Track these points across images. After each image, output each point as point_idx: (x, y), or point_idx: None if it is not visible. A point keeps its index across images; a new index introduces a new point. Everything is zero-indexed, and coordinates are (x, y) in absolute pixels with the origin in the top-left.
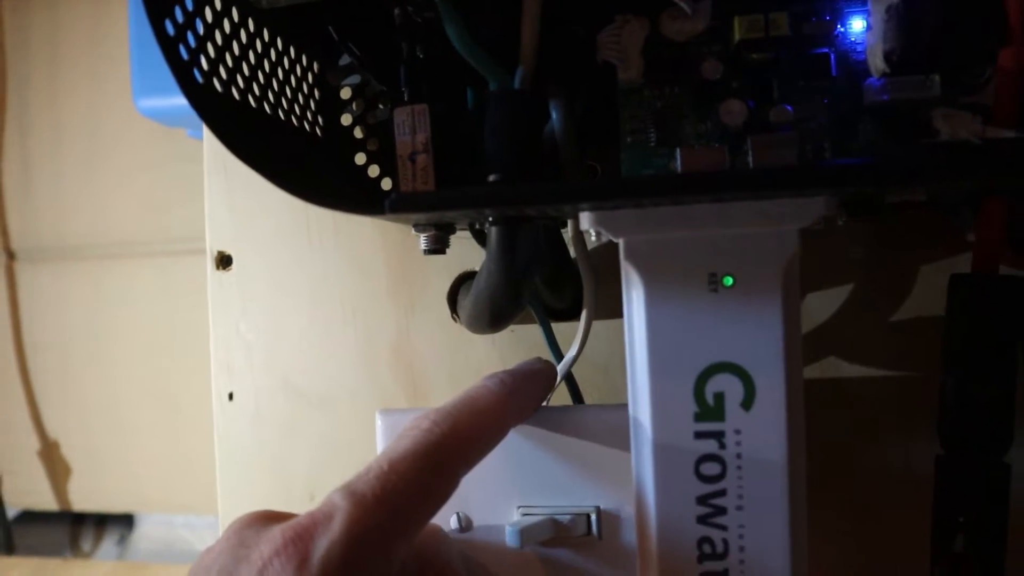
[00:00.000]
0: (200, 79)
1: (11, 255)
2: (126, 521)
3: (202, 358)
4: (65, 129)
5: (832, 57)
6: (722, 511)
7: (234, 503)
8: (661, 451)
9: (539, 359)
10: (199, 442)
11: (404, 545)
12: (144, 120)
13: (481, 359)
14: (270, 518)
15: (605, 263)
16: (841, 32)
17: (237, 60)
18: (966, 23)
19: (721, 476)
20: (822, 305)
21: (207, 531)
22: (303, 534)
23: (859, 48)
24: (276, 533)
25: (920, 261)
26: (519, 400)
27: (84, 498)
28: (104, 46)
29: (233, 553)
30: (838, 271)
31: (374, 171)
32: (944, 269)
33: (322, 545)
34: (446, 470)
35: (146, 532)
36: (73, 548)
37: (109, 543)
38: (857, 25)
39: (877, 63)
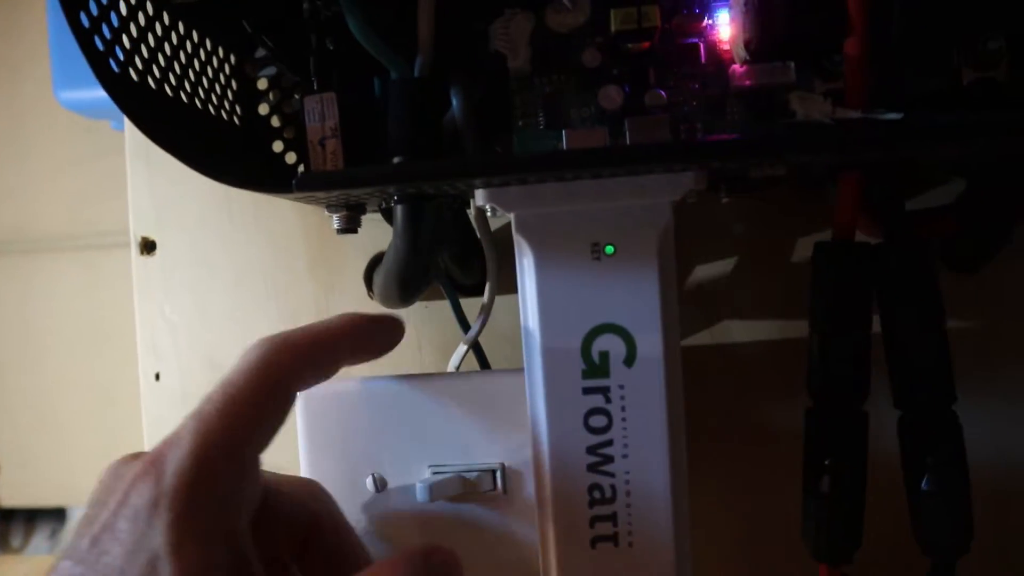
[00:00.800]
0: (116, 69)
1: None
2: (58, 515)
3: (131, 350)
4: None
5: (701, 46)
6: (609, 459)
7: None
8: (553, 406)
9: (393, 315)
10: (130, 434)
11: (253, 451)
12: (67, 114)
13: None
14: (139, 455)
15: (508, 241)
16: (709, 24)
17: (152, 51)
18: (812, 15)
19: (608, 427)
20: (711, 276)
21: None
22: (158, 457)
23: (725, 38)
24: (138, 462)
25: (797, 234)
26: (361, 336)
27: (14, 493)
28: (24, 39)
29: (107, 485)
30: (724, 245)
31: (291, 158)
32: (816, 239)
33: (174, 459)
34: (278, 384)
35: None
36: (2, 544)
37: (40, 538)
38: (723, 17)
39: (739, 51)
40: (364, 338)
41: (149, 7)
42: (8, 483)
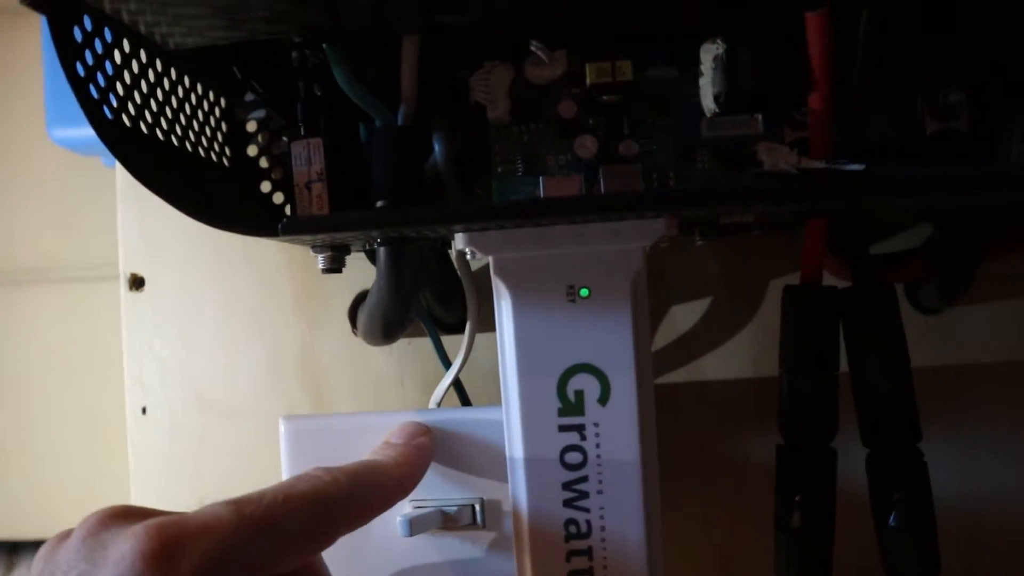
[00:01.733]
0: (110, 115)
1: None
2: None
3: (116, 382)
4: None
5: (672, 99)
6: (584, 495)
7: None
8: (530, 443)
9: (420, 428)
10: (115, 467)
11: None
12: (57, 147)
13: (381, 370)
14: (129, 514)
15: (488, 280)
16: (680, 77)
17: (145, 97)
18: (777, 70)
19: (583, 464)
20: (686, 316)
21: None
22: (176, 538)
23: (695, 91)
24: (139, 531)
25: (770, 275)
26: (410, 478)
27: None
28: (14, 69)
29: (91, 554)
30: (699, 285)
31: (279, 198)
32: (789, 281)
33: (197, 552)
34: (331, 524)
35: None
36: None
37: (22, 570)
38: (694, 71)
39: (708, 104)
40: (416, 484)
41: (143, 55)
42: None
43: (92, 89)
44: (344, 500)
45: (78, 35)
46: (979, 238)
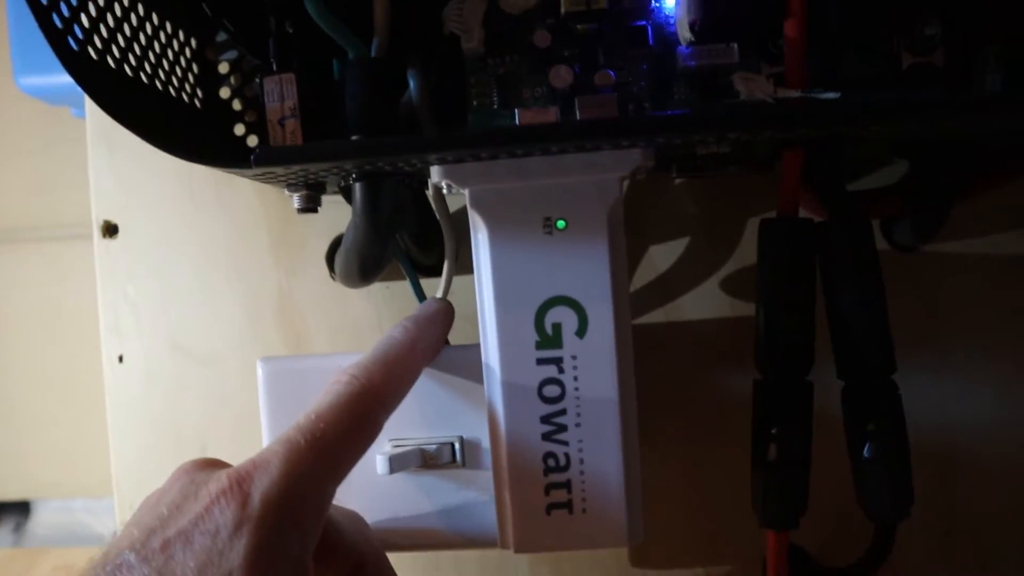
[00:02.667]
0: (75, 47)
1: None
2: (22, 509)
3: (93, 342)
4: None
5: (649, 29)
6: (563, 428)
7: (126, 464)
8: (508, 378)
9: (435, 299)
10: (93, 425)
11: (335, 485)
12: (27, 102)
13: (359, 314)
14: (216, 464)
15: (466, 221)
16: (656, 6)
17: (112, 32)
18: None
19: (561, 397)
20: (663, 256)
21: (106, 515)
22: (245, 476)
23: (672, 20)
24: (222, 475)
25: (747, 214)
26: (425, 344)
27: None
28: None
29: (183, 490)
30: (677, 225)
31: (252, 141)
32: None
33: (262, 484)
34: (366, 416)
35: (44, 519)
36: None
37: (4, 531)
38: (670, 1)
39: (684, 33)
40: (439, 348)
41: None
42: None
43: (56, 18)
44: (366, 389)
45: None
46: (954, 175)
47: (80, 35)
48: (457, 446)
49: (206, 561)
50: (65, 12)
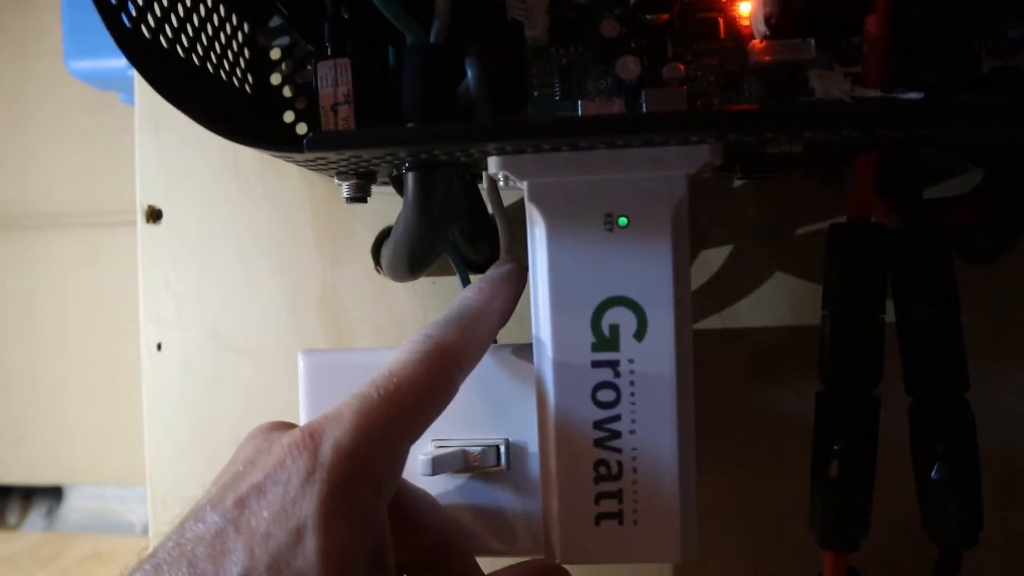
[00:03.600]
0: (128, 24)
1: None
2: (54, 493)
3: (132, 329)
4: None
5: (721, 21)
6: (616, 435)
7: (160, 453)
8: (561, 379)
9: (507, 259)
10: (128, 413)
11: (408, 442)
12: (75, 87)
13: (404, 310)
14: (289, 425)
15: (519, 216)
16: None
17: (166, 11)
18: None
19: (616, 402)
20: (722, 259)
21: (138, 503)
22: (317, 429)
23: (745, 13)
24: (295, 431)
25: (809, 219)
26: (500, 304)
27: (10, 470)
28: (34, 10)
29: (258, 447)
30: (737, 228)
31: (302, 128)
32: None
33: (333, 435)
34: (443, 374)
35: (75, 504)
36: None
37: (36, 515)
38: None
39: (759, 27)
40: (512, 307)
41: None
42: (5, 460)
43: None
44: (442, 347)
45: None
46: None
47: (134, 13)
48: (503, 449)
49: (280, 511)
50: None
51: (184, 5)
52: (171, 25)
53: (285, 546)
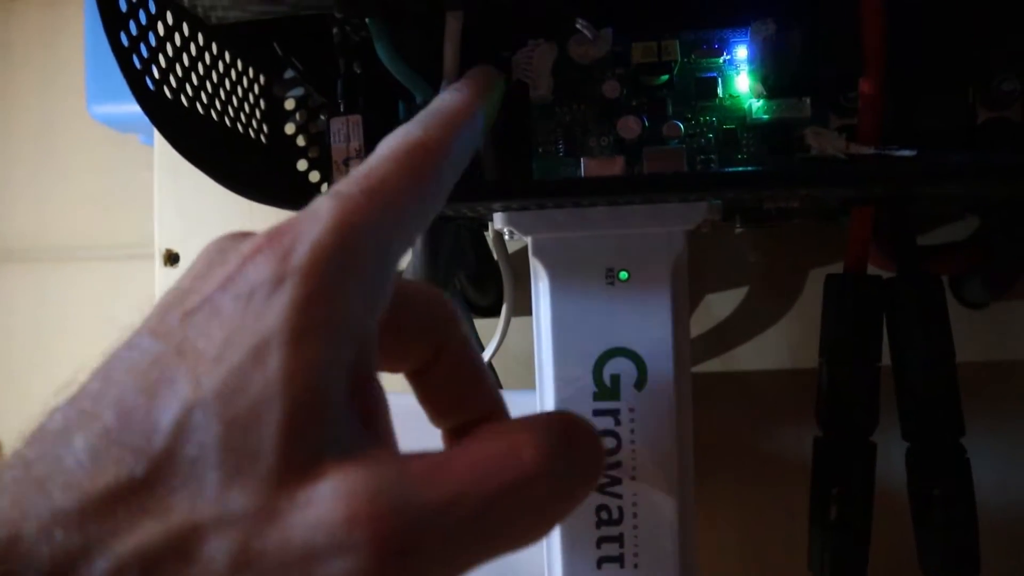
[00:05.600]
0: (152, 87)
1: None
2: None
3: None
4: (13, 128)
5: (719, 80)
6: (617, 481)
7: None
8: None
9: (480, 67)
10: None
11: (401, 240)
12: (95, 123)
13: None
14: (252, 233)
15: (524, 264)
16: (727, 59)
17: (187, 70)
18: (829, 54)
19: (617, 449)
20: (723, 305)
21: None
22: (287, 229)
23: (742, 72)
24: (258, 235)
25: (809, 265)
26: (477, 93)
27: None
28: (56, 46)
29: (209, 260)
30: (737, 274)
31: (315, 176)
32: (828, 272)
33: (310, 232)
34: (431, 165)
35: None
36: None
37: None
38: (741, 53)
39: (755, 86)
40: (493, 98)
41: (185, 28)
42: None
43: (135, 59)
44: (426, 137)
45: (123, 5)
46: None
47: (156, 75)
48: None
49: (237, 327)
50: (144, 53)
51: (204, 63)
52: (191, 83)
53: (240, 368)
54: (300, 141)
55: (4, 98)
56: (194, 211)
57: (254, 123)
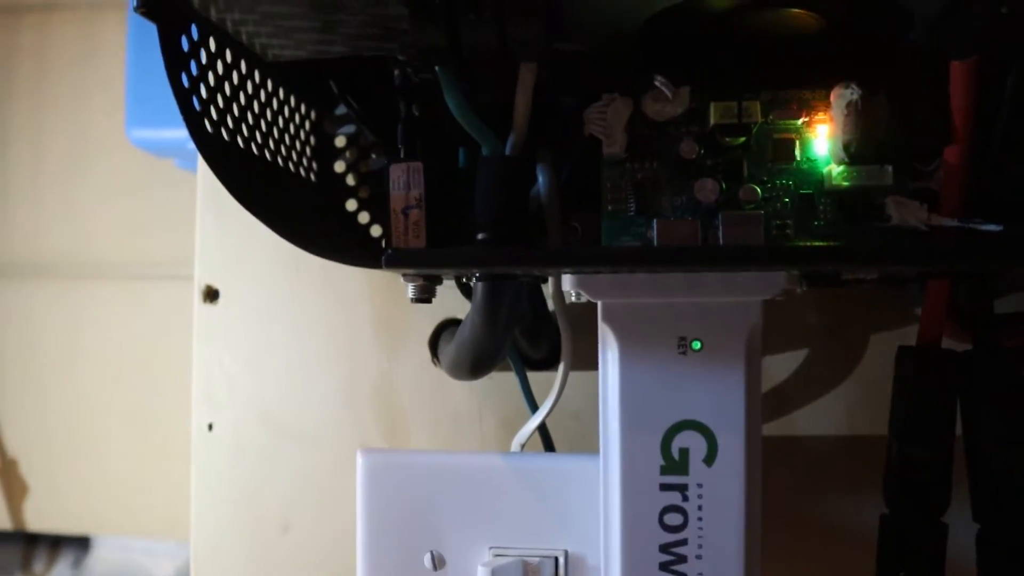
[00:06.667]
0: (210, 128)
1: None
2: (82, 544)
3: (171, 384)
4: (47, 145)
5: (796, 142)
6: (682, 559)
7: (207, 531)
8: (628, 501)
9: None
10: (161, 467)
11: None
12: (130, 142)
13: (459, 403)
14: None
15: (580, 318)
16: (806, 121)
17: (243, 109)
18: (916, 122)
19: (683, 526)
20: (779, 366)
21: (166, 557)
22: None
23: (822, 136)
24: None
25: (870, 329)
26: None
27: (40, 518)
28: (92, 65)
29: None
30: (796, 335)
31: (364, 217)
32: (892, 338)
33: None
34: None
35: (102, 555)
36: (25, 569)
37: (63, 565)
38: (820, 115)
39: (836, 151)
40: None
41: (243, 65)
42: (36, 507)
43: (195, 101)
44: None
45: (185, 44)
46: None
47: (215, 115)
48: (561, 560)
49: None
50: (204, 94)
51: (259, 101)
52: (247, 123)
53: None
54: (350, 180)
55: (37, 113)
56: (236, 248)
57: (304, 161)
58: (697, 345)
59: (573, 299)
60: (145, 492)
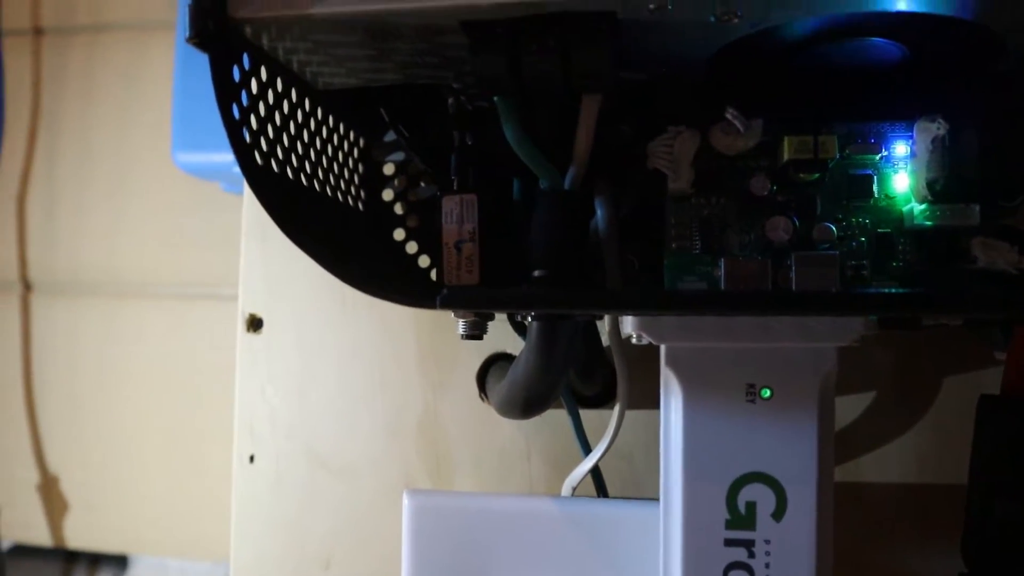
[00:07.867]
0: (260, 161)
1: (28, 286)
2: (120, 562)
3: (212, 403)
4: (92, 164)
5: (875, 179)
6: None
7: (245, 566)
8: (691, 555)
9: None
10: (200, 487)
11: None
12: (174, 163)
13: (506, 440)
14: None
15: (634, 356)
16: (884, 156)
17: (292, 139)
18: (1007, 160)
19: None
20: (846, 408)
21: None
22: None
23: (901, 171)
24: None
25: (945, 373)
26: None
27: (79, 535)
28: (139, 86)
29: None
30: (864, 376)
31: (412, 247)
32: (969, 383)
33: None
34: None
35: (139, 574)
36: None
37: None
38: (900, 150)
39: (920, 190)
40: None
41: (293, 94)
42: (75, 525)
43: (245, 132)
44: None
45: (236, 74)
46: None
47: (264, 147)
48: None
49: None
50: (254, 125)
51: (309, 129)
52: (296, 153)
53: None
54: (398, 209)
55: (83, 133)
56: (280, 277)
57: (352, 189)
58: (767, 393)
59: (634, 341)
60: (183, 512)
